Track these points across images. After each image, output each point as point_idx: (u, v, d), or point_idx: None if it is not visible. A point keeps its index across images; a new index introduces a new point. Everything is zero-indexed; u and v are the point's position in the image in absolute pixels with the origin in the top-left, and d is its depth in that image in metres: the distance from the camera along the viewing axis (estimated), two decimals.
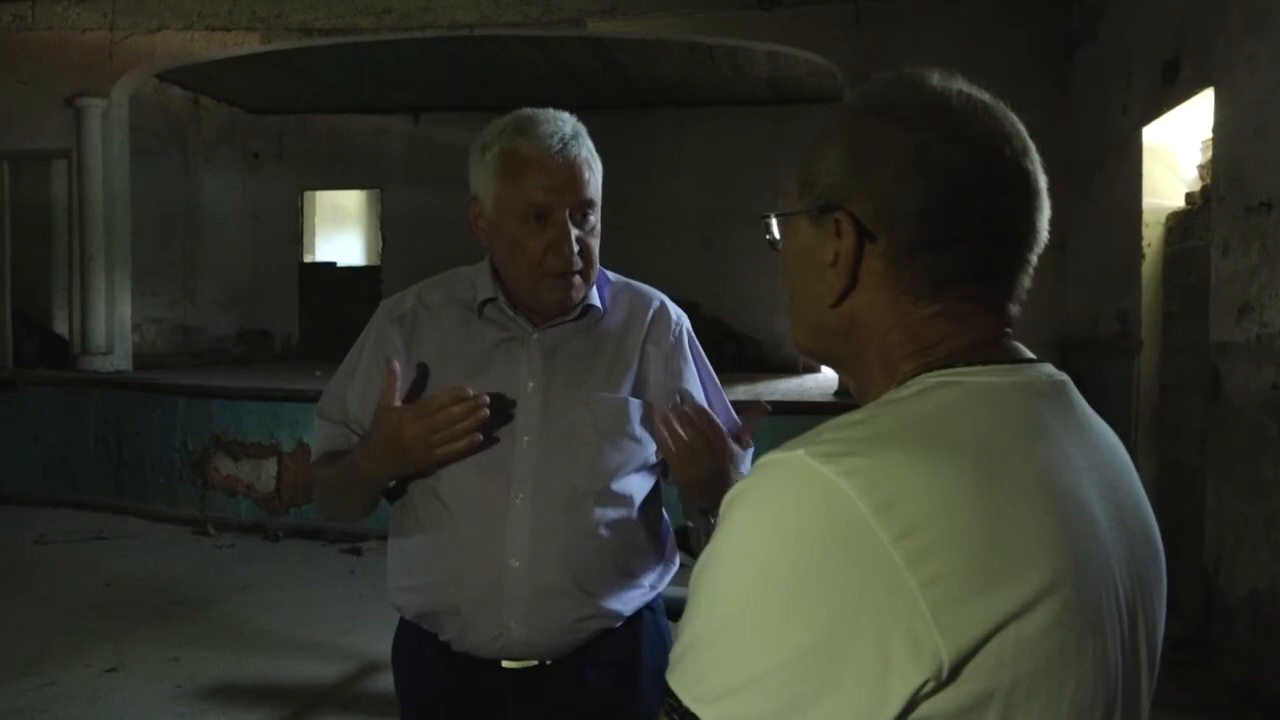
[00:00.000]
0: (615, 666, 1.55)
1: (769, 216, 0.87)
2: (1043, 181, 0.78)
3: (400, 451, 1.43)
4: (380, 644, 4.42)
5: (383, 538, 5.80)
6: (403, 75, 9.98)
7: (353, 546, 6.26)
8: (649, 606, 1.60)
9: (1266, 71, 3.74)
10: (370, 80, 10.12)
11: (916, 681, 0.63)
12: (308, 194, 12.27)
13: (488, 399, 1.40)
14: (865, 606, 0.63)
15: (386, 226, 12.14)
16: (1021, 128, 0.79)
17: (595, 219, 1.51)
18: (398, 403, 1.45)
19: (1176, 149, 5.14)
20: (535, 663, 1.51)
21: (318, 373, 8.89)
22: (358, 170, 11.92)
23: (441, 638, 1.54)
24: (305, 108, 11.53)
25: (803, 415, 6.11)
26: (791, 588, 0.65)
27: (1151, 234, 5.20)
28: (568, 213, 1.47)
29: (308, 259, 12.30)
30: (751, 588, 0.66)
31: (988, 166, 0.75)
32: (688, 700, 0.67)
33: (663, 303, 1.64)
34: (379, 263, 12.27)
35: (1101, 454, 0.77)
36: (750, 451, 1.48)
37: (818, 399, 7.38)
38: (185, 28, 7.87)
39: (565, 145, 1.47)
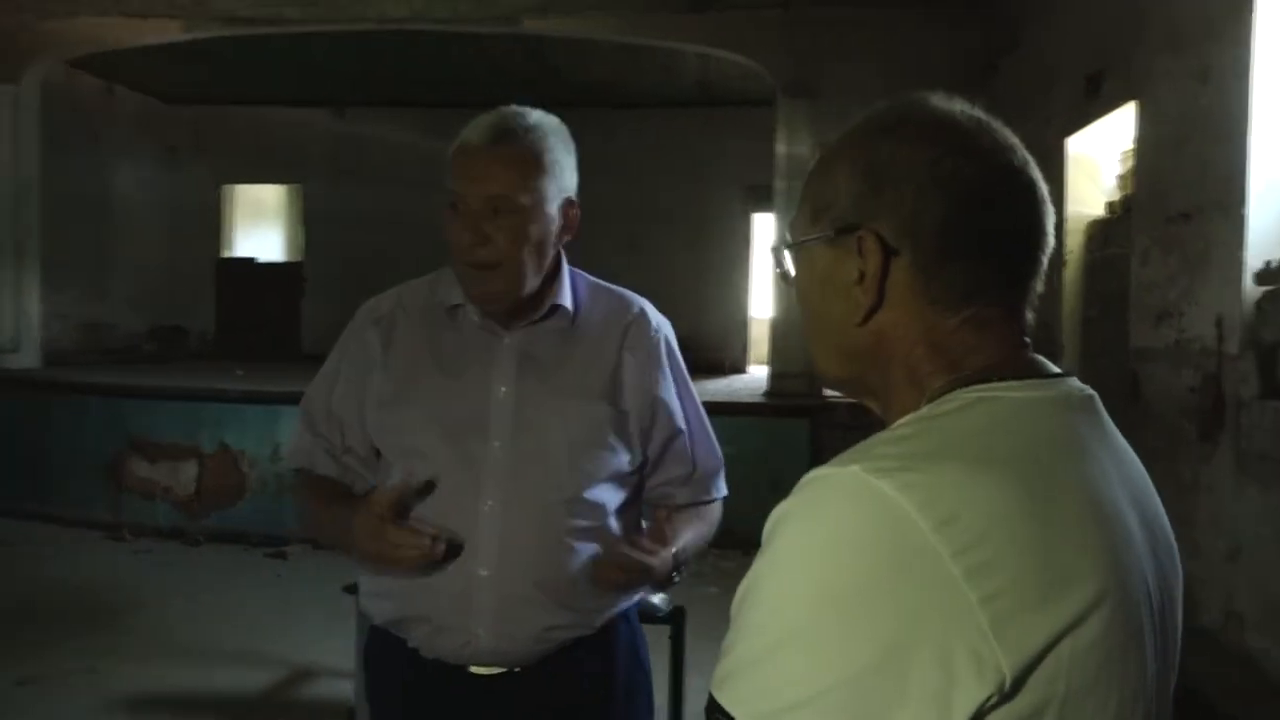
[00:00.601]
0: (586, 675, 1.54)
1: (780, 249, 0.88)
2: (1046, 190, 0.81)
3: (349, 542, 1.47)
4: (312, 650, 4.35)
5: (306, 541, 5.63)
6: (328, 68, 9.78)
7: (278, 550, 6.11)
8: (624, 616, 1.59)
9: (1186, 87, 3.89)
10: (293, 73, 9.90)
11: (981, 697, 0.64)
12: (226, 188, 11.94)
13: (442, 548, 1.42)
14: (926, 622, 0.63)
15: (309, 222, 11.89)
16: (1018, 141, 0.82)
17: (522, 219, 1.46)
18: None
19: (1098, 159, 5.32)
20: (504, 670, 1.50)
21: (239, 371, 8.67)
22: (279, 164, 11.63)
23: (410, 644, 1.52)
24: (224, 99, 11.21)
25: (732, 416, 6.16)
26: (853, 603, 0.65)
27: (1073, 241, 5.37)
28: (479, 203, 1.45)
29: (226, 254, 11.98)
30: (811, 603, 0.66)
31: (999, 177, 0.79)
32: (744, 717, 0.66)
33: (643, 309, 1.62)
34: (301, 259, 12.01)
35: (1128, 467, 0.79)
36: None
37: (747, 399, 7.45)
38: (102, 13, 7.58)
39: (497, 138, 1.46)
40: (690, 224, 10.73)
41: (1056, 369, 0.80)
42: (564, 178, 1.51)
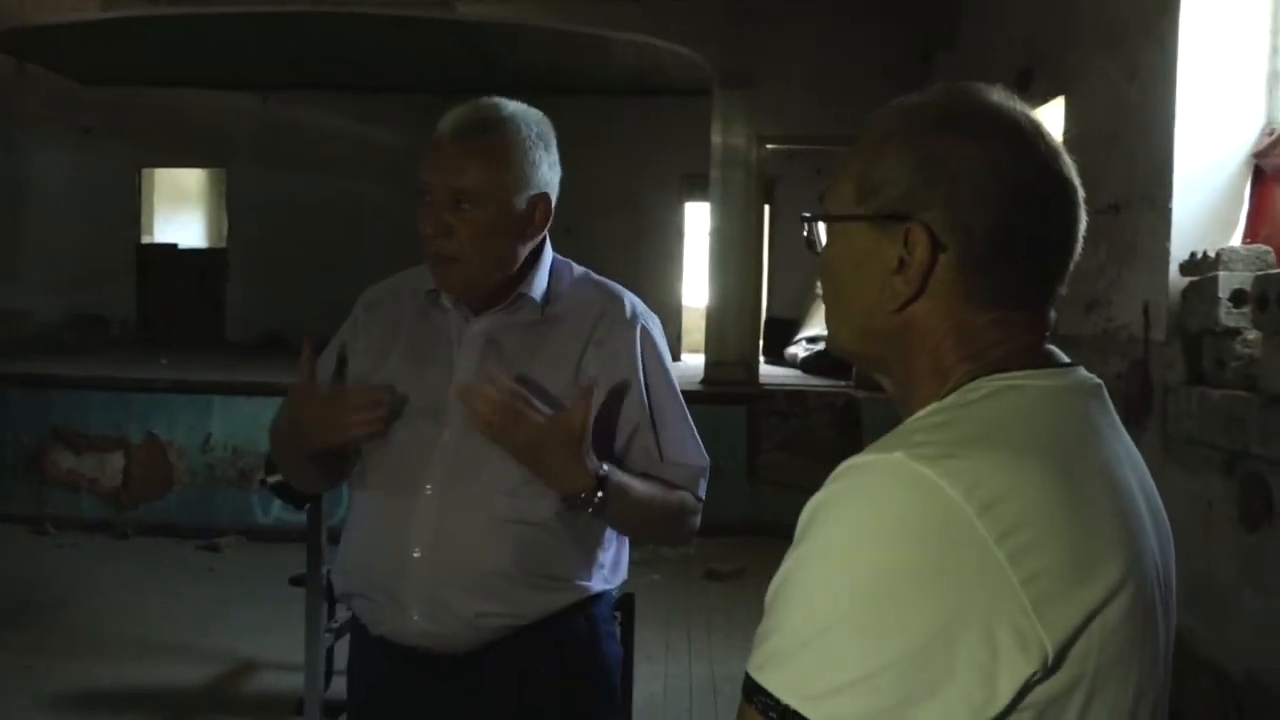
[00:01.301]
0: (528, 667, 1.52)
1: (814, 218, 0.88)
2: (1083, 193, 0.83)
3: (298, 424, 1.50)
4: (253, 643, 4.28)
5: (240, 533, 5.54)
6: (253, 50, 9.53)
7: (210, 543, 5.98)
8: (579, 608, 1.55)
9: (1116, 83, 4.03)
10: (216, 54, 9.64)
11: (1027, 672, 0.67)
12: (146, 171, 11.58)
13: (383, 398, 1.45)
14: (973, 603, 0.66)
15: (232, 208, 11.60)
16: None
17: (483, 214, 1.47)
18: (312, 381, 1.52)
19: None
20: (444, 653, 1.51)
21: (163, 360, 8.43)
22: (201, 148, 11.32)
23: (360, 620, 1.58)
24: (143, 80, 10.86)
25: None
26: (902, 585, 0.67)
27: None
28: (442, 194, 1.47)
29: (146, 240, 11.63)
30: (859, 586, 0.68)
31: (1052, 183, 0.80)
32: (788, 698, 0.68)
33: (620, 300, 1.60)
34: (224, 245, 11.72)
35: (1132, 451, 0.83)
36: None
37: (683, 388, 7.48)
38: None
39: (467, 131, 1.48)
40: (625, 212, 10.74)
41: (1067, 359, 0.83)
42: (535, 173, 1.51)
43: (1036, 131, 0.81)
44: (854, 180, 0.83)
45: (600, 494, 1.41)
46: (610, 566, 1.60)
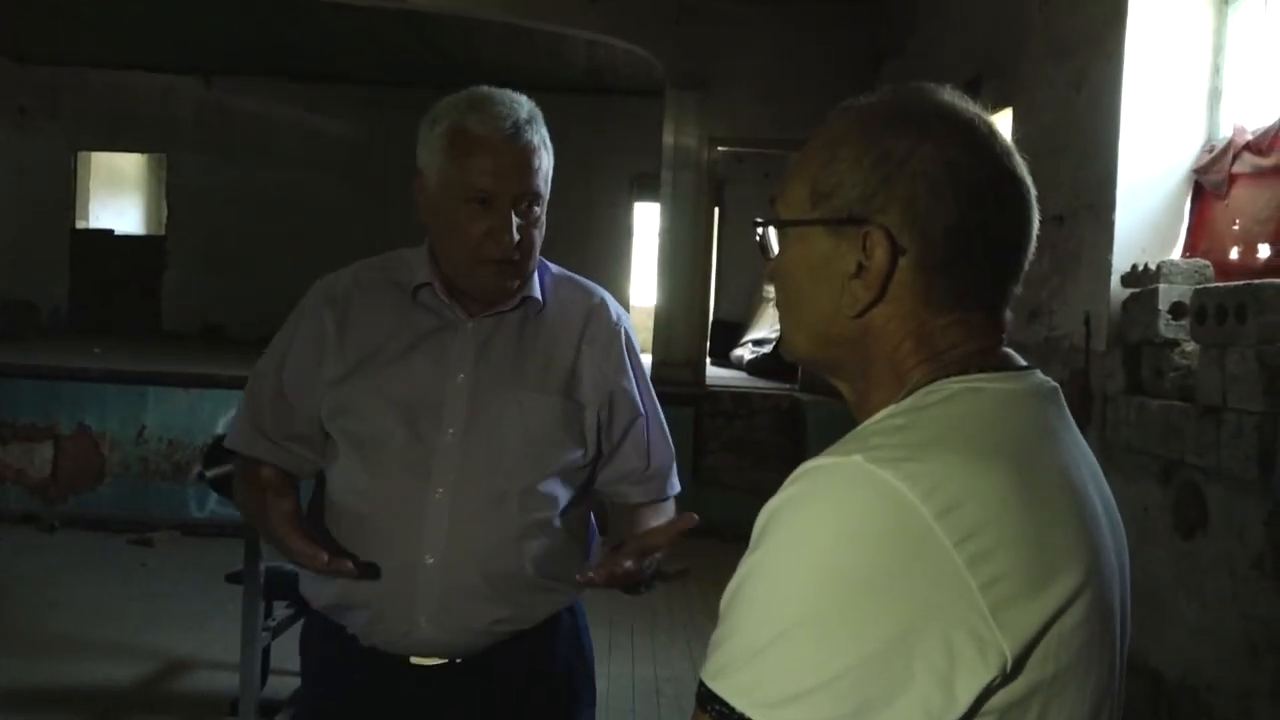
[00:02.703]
0: (528, 668, 1.52)
1: (768, 223, 0.86)
2: (1035, 192, 0.82)
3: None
4: (185, 642, 4.18)
5: (174, 528, 5.40)
6: (197, 33, 9.32)
7: (143, 537, 5.83)
8: (569, 609, 1.57)
9: (1063, 95, 4.10)
10: (157, 35, 9.41)
11: (985, 678, 0.66)
12: (82, 155, 11.27)
13: (349, 566, 1.38)
14: (931, 608, 0.65)
15: (173, 195, 11.34)
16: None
17: (540, 210, 1.48)
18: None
19: None
20: (444, 661, 1.48)
21: (96, 350, 8.21)
22: (141, 132, 11.05)
23: (349, 630, 1.49)
24: (82, 61, 10.57)
25: None
26: (861, 590, 0.66)
27: None
28: (511, 200, 1.43)
29: (81, 225, 11.31)
30: (817, 591, 0.67)
31: (1007, 182, 0.79)
32: (743, 706, 0.66)
33: (603, 300, 1.61)
34: (163, 232, 11.45)
35: (1088, 455, 0.83)
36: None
37: None
38: None
39: (518, 130, 1.43)
40: (575, 211, 10.66)
41: (1024, 362, 0.82)
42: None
43: (990, 131, 0.80)
44: (808, 183, 0.82)
45: (650, 581, 1.47)
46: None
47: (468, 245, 1.44)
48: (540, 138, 1.47)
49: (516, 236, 1.43)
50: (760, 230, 0.87)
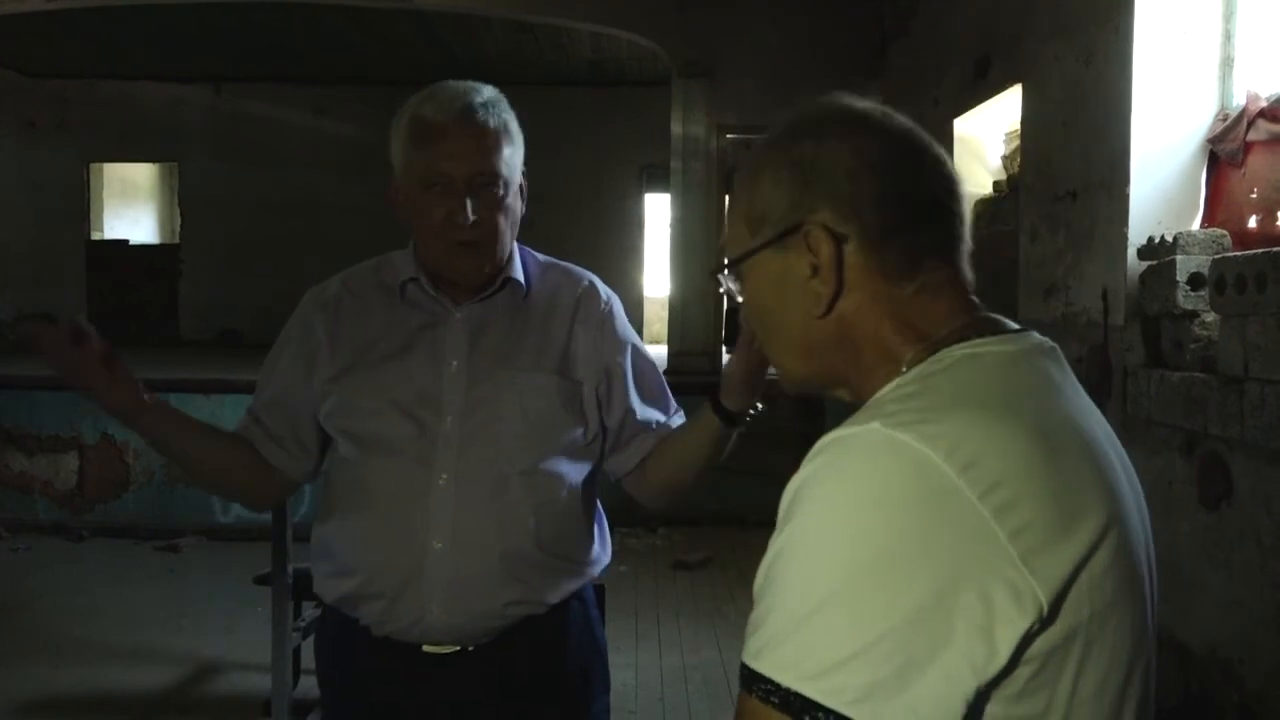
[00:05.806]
0: (540, 655, 1.54)
1: (722, 269, 0.91)
2: (955, 167, 0.87)
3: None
4: (215, 645, 4.22)
5: (201, 533, 5.46)
6: (204, 42, 9.36)
7: (169, 544, 5.89)
8: (578, 595, 1.58)
9: (1072, 70, 4.07)
10: (166, 46, 9.45)
11: (1024, 625, 0.68)
12: (95, 166, 11.35)
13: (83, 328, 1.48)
14: (964, 562, 0.67)
15: (185, 203, 11.41)
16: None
17: (502, 191, 1.47)
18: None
19: (983, 140, 5.52)
20: (456, 648, 1.49)
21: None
22: (152, 142, 11.12)
23: (362, 622, 1.51)
24: (92, 73, 10.63)
25: None
26: (894, 554, 0.67)
27: None
28: (465, 182, 1.44)
29: (96, 236, 11.40)
30: (850, 560, 0.68)
31: (915, 151, 0.85)
32: (788, 681, 0.67)
33: (592, 282, 1.63)
34: (177, 241, 11.53)
35: (1094, 409, 0.84)
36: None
37: None
38: None
39: (470, 110, 1.45)
40: (585, 203, 10.71)
41: (1017, 325, 0.85)
42: (520, 152, 1.53)
43: (886, 114, 0.86)
44: (743, 219, 0.88)
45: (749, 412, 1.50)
46: (603, 549, 1.63)
47: (432, 230, 1.46)
48: (500, 122, 1.47)
49: (472, 217, 1.44)
50: (721, 279, 0.92)
